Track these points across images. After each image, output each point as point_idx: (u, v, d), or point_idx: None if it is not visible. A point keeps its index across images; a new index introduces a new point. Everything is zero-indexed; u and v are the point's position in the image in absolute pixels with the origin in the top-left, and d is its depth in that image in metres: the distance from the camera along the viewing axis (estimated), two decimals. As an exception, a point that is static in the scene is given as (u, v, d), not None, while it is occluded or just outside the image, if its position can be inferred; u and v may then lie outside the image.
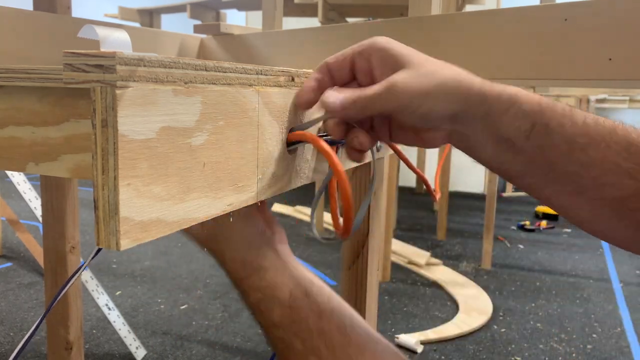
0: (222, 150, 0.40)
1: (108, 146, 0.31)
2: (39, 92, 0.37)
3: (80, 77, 0.31)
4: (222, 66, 0.40)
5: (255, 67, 0.44)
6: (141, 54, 0.32)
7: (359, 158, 0.50)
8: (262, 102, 0.45)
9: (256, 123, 0.44)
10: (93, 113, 0.31)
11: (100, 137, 0.31)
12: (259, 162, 0.45)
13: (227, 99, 0.40)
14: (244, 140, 0.43)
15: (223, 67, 0.40)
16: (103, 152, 0.31)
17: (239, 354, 2.12)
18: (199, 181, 0.38)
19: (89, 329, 2.27)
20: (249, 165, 0.44)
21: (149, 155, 0.33)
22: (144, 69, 0.32)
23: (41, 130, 0.38)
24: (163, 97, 0.34)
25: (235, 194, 0.42)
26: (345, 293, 0.89)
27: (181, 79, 0.36)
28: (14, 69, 0.37)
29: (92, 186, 0.32)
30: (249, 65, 0.43)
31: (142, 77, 0.32)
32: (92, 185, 0.32)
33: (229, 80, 0.40)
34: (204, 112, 0.38)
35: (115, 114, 0.30)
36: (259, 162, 0.45)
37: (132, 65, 0.31)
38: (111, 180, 0.31)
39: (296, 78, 0.51)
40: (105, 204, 0.31)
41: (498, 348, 2.27)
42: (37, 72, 0.36)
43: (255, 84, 0.44)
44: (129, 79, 0.31)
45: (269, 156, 0.47)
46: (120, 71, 0.31)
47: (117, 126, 0.30)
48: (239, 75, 0.42)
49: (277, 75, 0.48)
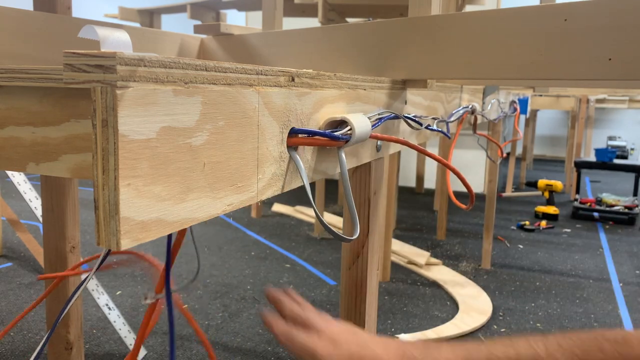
0: (222, 150, 0.40)
1: (108, 146, 0.31)
2: (39, 92, 0.37)
3: (80, 77, 0.31)
4: (222, 66, 0.40)
5: (255, 67, 0.44)
6: (141, 54, 0.32)
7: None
8: (262, 102, 0.45)
9: (256, 123, 0.44)
10: (93, 113, 0.31)
11: (101, 137, 0.31)
12: (259, 162, 0.45)
13: (227, 99, 0.40)
14: (244, 141, 0.43)
15: (223, 67, 0.40)
16: (103, 152, 0.31)
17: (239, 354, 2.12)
18: (199, 181, 0.38)
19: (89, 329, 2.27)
20: (249, 165, 0.44)
21: (149, 156, 0.33)
22: (144, 69, 0.32)
23: (41, 130, 0.38)
24: (163, 97, 0.34)
25: (235, 194, 0.42)
26: (345, 293, 0.89)
27: (181, 79, 0.36)
28: (14, 69, 0.37)
29: (92, 186, 0.32)
30: (249, 65, 0.43)
31: (142, 77, 0.32)
32: (92, 185, 0.32)
33: (229, 80, 0.41)
34: (204, 112, 0.38)
35: (116, 114, 0.30)
36: (259, 162, 0.45)
37: (132, 65, 0.31)
38: (111, 180, 0.31)
39: (296, 78, 0.51)
40: (106, 204, 0.31)
41: (498, 348, 2.27)
42: (38, 72, 0.36)
43: (255, 84, 0.44)
44: (129, 79, 0.31)
45: (269, 156, 0.47)
46: (121, 71, 0.31)
47: (118, 126, 0.30)
48: (239, 75, 0.42)
49: (277, 75, 0.48)
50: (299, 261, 3.23)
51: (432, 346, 0.53)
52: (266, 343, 2.22)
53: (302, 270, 3.08)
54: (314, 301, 2.66)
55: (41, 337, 2.13)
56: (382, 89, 0.80)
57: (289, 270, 3.08)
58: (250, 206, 4.30)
